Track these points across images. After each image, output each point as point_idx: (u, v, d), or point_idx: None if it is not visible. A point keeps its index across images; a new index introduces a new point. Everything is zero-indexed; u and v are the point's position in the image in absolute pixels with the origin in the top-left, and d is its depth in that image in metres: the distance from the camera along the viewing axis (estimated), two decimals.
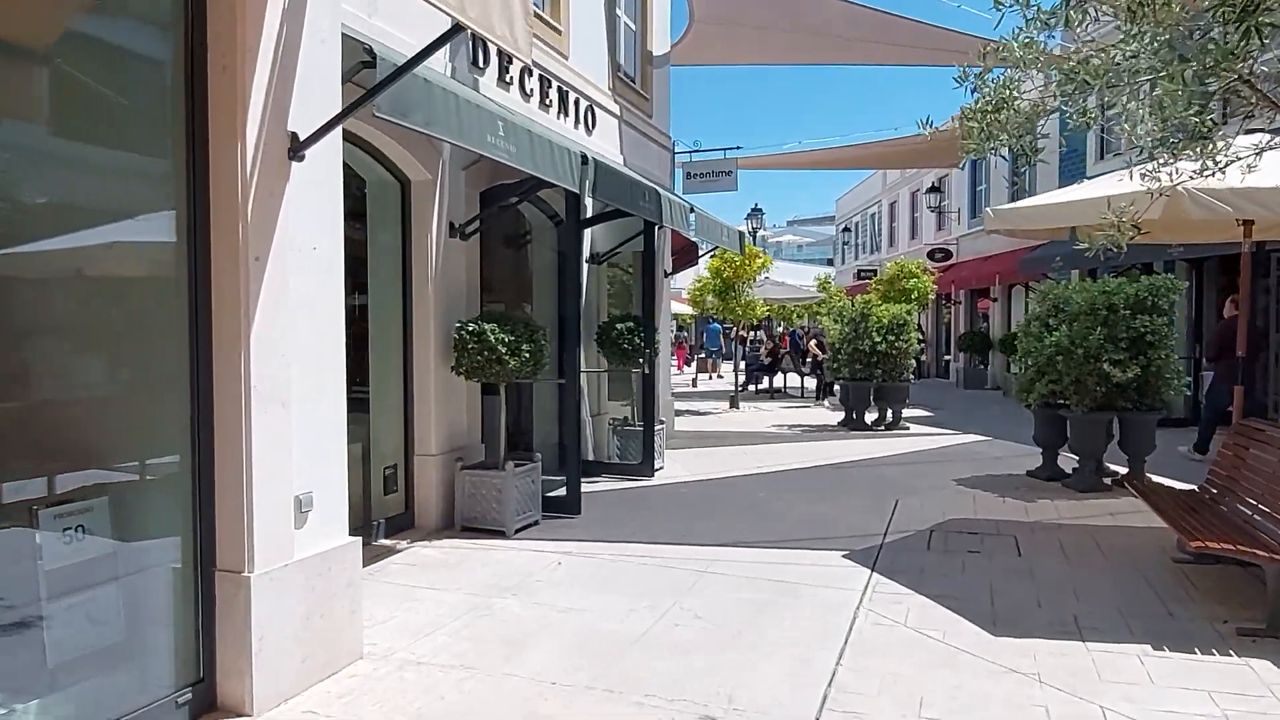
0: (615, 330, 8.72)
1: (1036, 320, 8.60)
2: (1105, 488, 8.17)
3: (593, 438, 9.12)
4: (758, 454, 10.46)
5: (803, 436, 12.32)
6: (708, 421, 14.30)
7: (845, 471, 9.28)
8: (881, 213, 31.74)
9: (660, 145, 11.34)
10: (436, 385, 6.35)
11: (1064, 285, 8.69)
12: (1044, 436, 8.73)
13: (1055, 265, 14.84)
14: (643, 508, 7.36)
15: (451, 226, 6.53)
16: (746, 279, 15.75)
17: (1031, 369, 8.51)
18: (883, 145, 18.04)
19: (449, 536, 6.23)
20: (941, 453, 10.64)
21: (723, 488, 8.33)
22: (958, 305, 24.09)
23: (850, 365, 13.06)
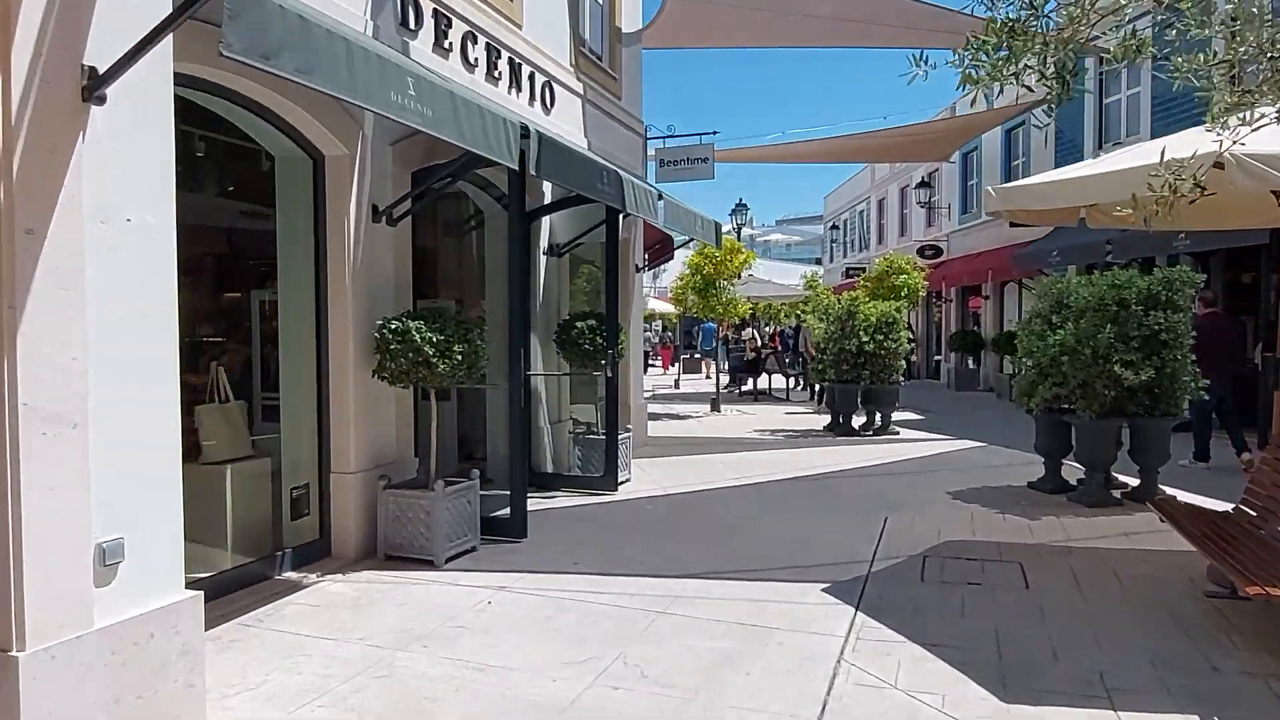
0: (575, 329, 7.90)
1: (1038, 317, 7.82)
2: (1115, 502, 7.39)
3: (551, 448, 8.29)
4: (735, 463, 9.66)
5: (785, 443, 11.52)
6: (686, 426, 13.48)
7: (829, 483, 8.48)
8: (870, 210, 31.02)
9: (631, 130, 10.52)
10: (357, 392, 5.51)
11: (1068, 279, 7.92)
12: (1047, 445, 7.95)
13: (1052, 260, 14.13)
14: (600, 528, 6.53)
15: (375, 210, 5.69)
16: (727, 276, 14.95)
17: (1033, 371, 7.73)
18: (870, 137, 17.28)
19: (369, 568, 5.38)
20: (934, 461, 9.85)
21: (693, 503, 7.51)
22: (949, 303, 23.37)
23: (836, 366, 12.28)
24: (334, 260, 5.45)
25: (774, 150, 17.68)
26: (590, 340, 7.84)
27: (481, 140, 4.85)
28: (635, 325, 10.66)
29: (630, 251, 10.45)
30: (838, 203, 36.03)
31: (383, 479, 5.54)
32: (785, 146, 17.58)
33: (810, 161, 20.58)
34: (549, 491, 7.78)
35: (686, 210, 8.82)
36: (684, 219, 8.69)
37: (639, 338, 10.87)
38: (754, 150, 17.70)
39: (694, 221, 8.96)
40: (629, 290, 10.42)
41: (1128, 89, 14.30)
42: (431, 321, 5.35)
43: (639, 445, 10.57)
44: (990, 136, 20.08)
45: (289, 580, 5.09)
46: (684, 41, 12.93)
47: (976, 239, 21.09)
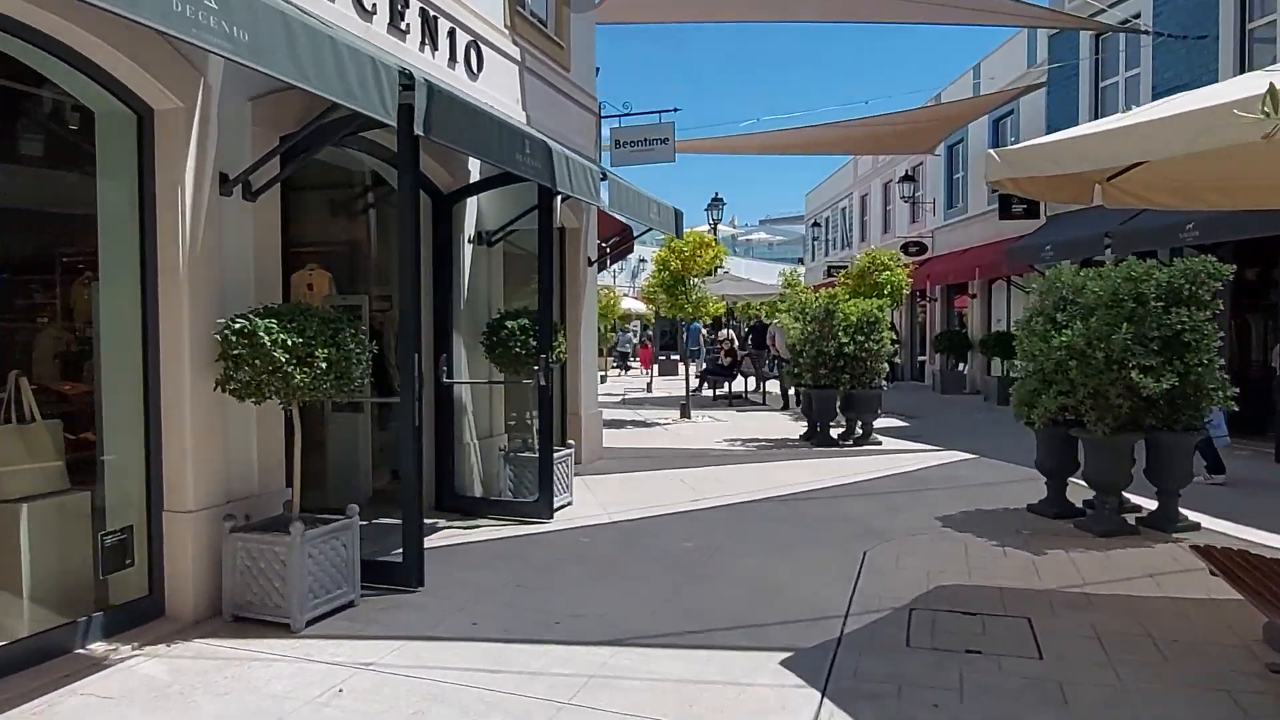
0: (505, 329, 6.78)
1: (1041, 315, 6.76)
2: (1130, 529, 6.35)
3: (480, 468, 7.15)
4: (698, 480, 8.55)
5: (756, 455, 10.43)
6: (651, 435, 12.38)
7: (802, 507, 7.39)
8: (852, 206, 30.05)
9: (582, 107, 9.40)
10: (197, 409, 4.36)
11: (1074, 270, 6.87)
12: (1051, 462, 6.90)
13: (1045, 255, 13.13)
14: (520, 570, 5.40)
15: (224, 179, 4.54)
16: (697, 272, 13.85)
17: (1034, 377, 6.67)
18: (851, 126, 16.24)
19: (207, 634, 4.23)
20: (920, 477, 8.78)
21: (640, 534, 6.40)
22: (933, 302, 22.39)
23: (813, 370, 11.20)
24: (165, 242, 4.29)
25: (749, 140, 16.62)
26: (522, 343, 6.72)
27: (338, 84, 3.73)
28: (588, 326, 9.55)
29: (582, 242, 9.33)
30: (819, 200, 35.06)
31: (229, 519, 4.38)
32: (761, 137, 16.52)
33: (788, 153, 19.54)
34: (473, 520, 6.65)
35: (638, 194, 7.71)
36: (635, 204, 7.58)
37: (592, 339, 9.76)
38: (727, 140, 16.64)
39: (647, 207, 7.85)
40: (580, 286, 9.31)
41: (1126, 70, 13.32)
42: (288, 320, 4.21)
43: (592, 459, 9.47)
44: (977, 127, 19.11)
45: (92, 655, 3.93)
46: (649, 15, 11.85)
47: (963, 235, 20.13)
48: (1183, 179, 5.24)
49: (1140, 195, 5.34)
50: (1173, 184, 5.26)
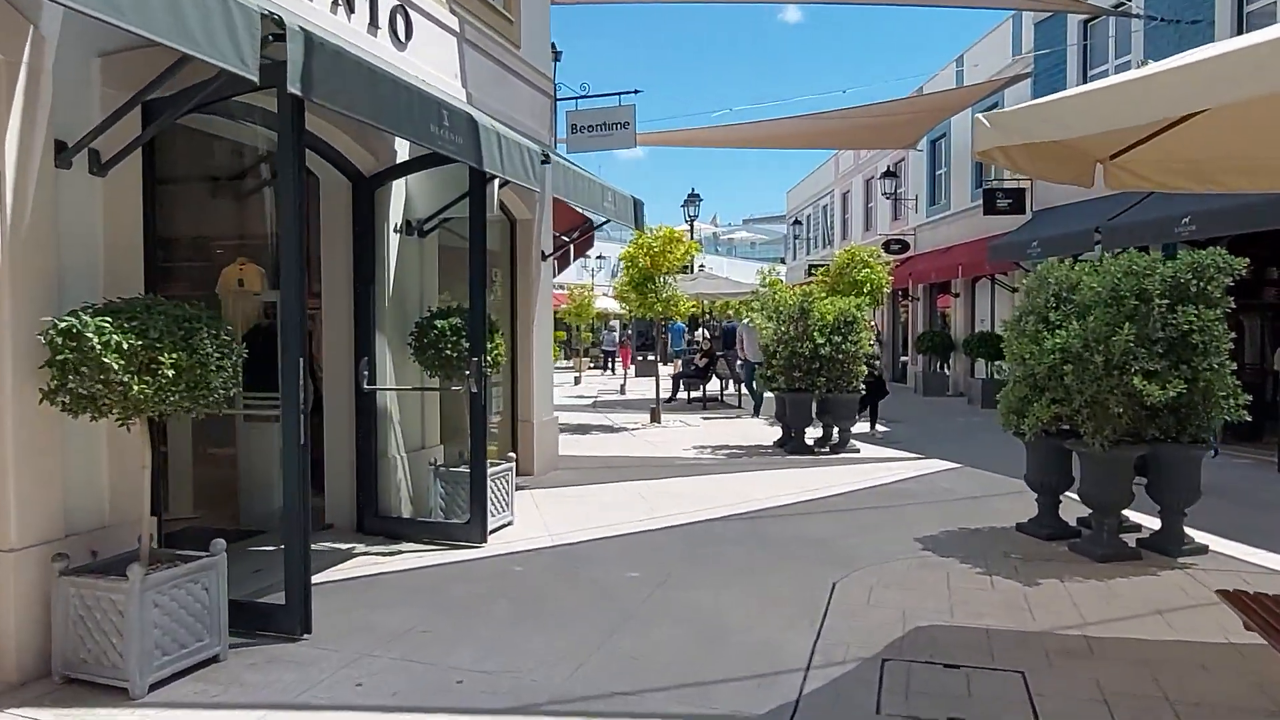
0: (435, 329, 6.03)
1: (1031, 314, 6.09)
2: (1131, 553, 5.68)
3: (408, 485, 6.40)
4: (657, 494, 7.83)
5: (725, 464, 9.72)
6: (616, 442, 11.64)
7: (767, 526, 6.68)
8: (834, 204, 29.44)
9: (535, 88, 8.65)
10: (19, 423, 3.59)
11: (1067, 264, 6.20)
12: (1042, 478, 6.23)
13: (1031, 252, 12.51)
14: (432, 610, 4.65)
15: (61, 148, 3.77)
16: (668, 269, 13.13)
17: (1024, 383, 6.00)
18: (829, 118, 15.58)
19: (28, 700, 3.46)
20: (899, 491, 8.10)
21: (582, 561, 5.66)
22: (915, 302, 21.79)
23: (787, 373, 10.51)
24: None
25: (721, 133, 15.93)
26: (453, 344, 5.97)
27: (168, 24, 2.98)
28: (542, 325, 8.81)
29: (535, 234, 8.58)
30: (801, 197, 34.46)
31: (60, 558, 3.61)
32: (734, 129, 15.84)
33: (764, 147, 18.87)
34: (397, 544, 5.89)
35: (590, 180, 6.98)
36: (585, 191, 6.85)
37: (547, 340, 9.01)
38: (699, 133, 15.95)
39: (600, 195, 7.12)
40: (532, 281, 8.57)
41: (1116, 57, 12.71)
42: (128, 318, 3.44)
43: (546, 471, 8.73)
44: (960, 121, 18.49)
45: None
46: None
47: (946, 233, 19.53)
48: (1195, 158, 4.56)
49: (1147, 176, 4.66)
50: (1184, 164, 4.58)
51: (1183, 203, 9.97)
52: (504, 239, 8.52)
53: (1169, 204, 10.30)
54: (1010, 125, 3.53)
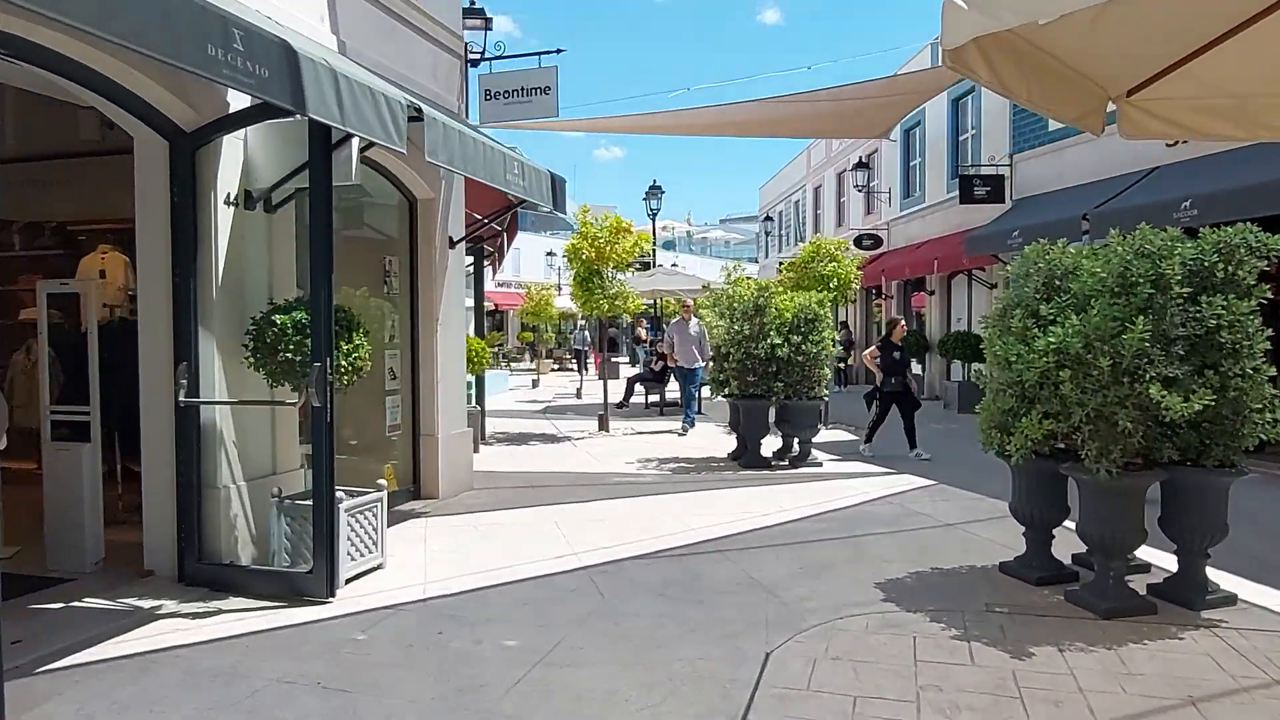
0: (275, 327, 4.77)
1: (1019, 307, 4.94)
2: (1143, 605, 4.54)
3: (247, 521, 5.13)
4: (580, 523, 6.62)
5: (668, 481, 8.52)
6: (553, 455, 10.42)
7: (702, 565, 5.48)
8: (805, 199, 28.39)
9: (439, 45, 7.40)
10: None
11: (1061, 245, 5.07)
12: (1033, 509, 5.07)
13: (1012, 243, 11.43)
14: (211, 713, 3.40)
15: None
16: (615, 262, 11.92)
17: (1010, 392, 4.84)
18: (795, 102, 14.39)
19: None
20: (864, 516, 6.93)
21: (448, 625, 4.42)
22: (889, 300, 20.74)
23: (741, 377, 9.34)
24: None
25: (674, 119, 14.70)
26: (296, 345, 4.72)
27: None
28: (450, 324, 7.56)
29: (439, 216, 7.34)
30: (772, 193, 33.40)
31: None
32: (691, 115, 14.60)
33: (725, 134, 17.61)
34: (222, 599, 4.64)
35: (486, 146, 5.75)
36: (480, 160, 5.62)
37: (457, 341, 7.75)
38: (653, 119, 14.70)
39: (500, 165, 5.89)
40: (435, 272, 7.32)
41: None
42: None
43: (455, 493, 7.51)
44: (935, 109, 17.46)
45: None
46: None
47: (921, 227, 18.48)
48: (1240, 92, 3.43)
49: (1174, 120, 3.53)
50: (1224, 100, 3.46)
51: (1182, 183, 8.92)
52: (402, 222, 7.27)
53: (1165, 186, 9.26)
54: (992, 4, 2.33)
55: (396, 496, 7.03)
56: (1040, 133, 12.25)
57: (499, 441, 11.41)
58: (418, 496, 7.30)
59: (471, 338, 10.48)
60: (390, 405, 7.08)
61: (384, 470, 7.02)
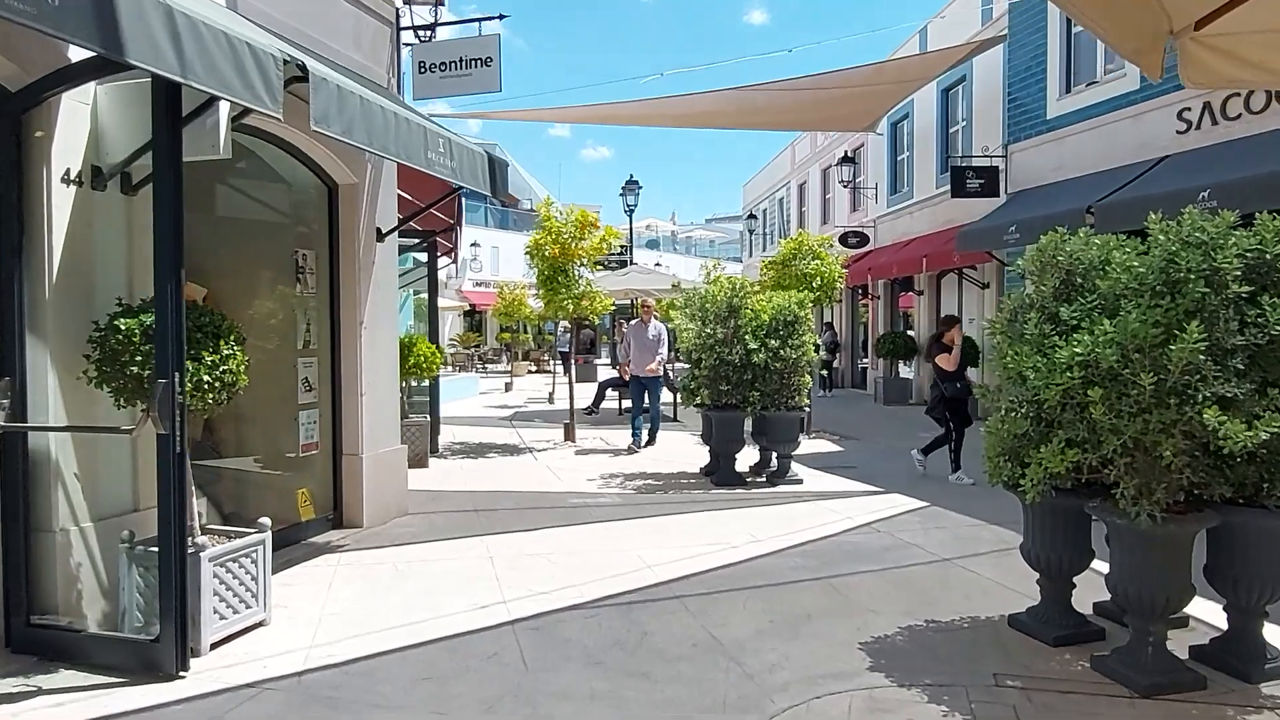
0: (120, 334, 3.84)
1: (1034, 310, 4.07)
2: (1188, 677, 3.67)
3: (94, 574, 4.19)
4: (516, 560, 5.71)
5: (630, 503, 7.63)
6: (511, 469, 9.50)
7: (651, 621, 4.58)
8: (790, 196, 27.57)
9: (364, 8, 6.47)
10: None
11: (1085, 233, 4.21)
12: (1050, 554, 4.21)
13: (1009, 239, 10.62)
14: None
15: None
16: (581, 259, 11.00)
17: (1024, 414, 3.98)
18: (775, 90, 13.54)
19: None
20: (847, 549, 6.05)
21: (321, 711, 3.51)
22: (876, 300, 19.93)
23: (713, 385, 8.46)
24: None
25: (642, 109, 13.83)
26: (145, 357, 3.79)
27: None
28: (379, 327, 6.64)
29: (363, 205, 6.42)
30: (756, 191, 32.56)
31: None
32: (658, 104, 13.74)
33: (702, 126, 16.77)
34: (50, 673, 3.71)
35: (405, 119, 4.83)
36: (394, 133, 4.70)
37: (388, 349, 6.82)
38: (616, 109, 13.84)
39: (420, 141, 4.98)
40: (358, 269, 6.40)
41: None
42: None
43: (385, 520, 6.60)
44: (923, 99, 16.65)
45: None
46: None
47: (909, 224, 17.67)
48: None
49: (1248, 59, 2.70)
50: None
51: (1197, 172, 8.11)
52: (320, 211, 6.35)
53: (1178, 175, 8.44)
54: None
55: (311, 527, 6.12)
56: (1037, 121, 11.44)
57: (454, 454, 10.49)
58: (339, 525, 6.38)
59: (423, 341, 9.57)
60: (305, 421, 6.15)
61: (296, 497, 6.10)
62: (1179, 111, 8.98)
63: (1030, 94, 11.65)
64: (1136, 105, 9.65)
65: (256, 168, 5.92)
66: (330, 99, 4.15)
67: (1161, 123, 9.22)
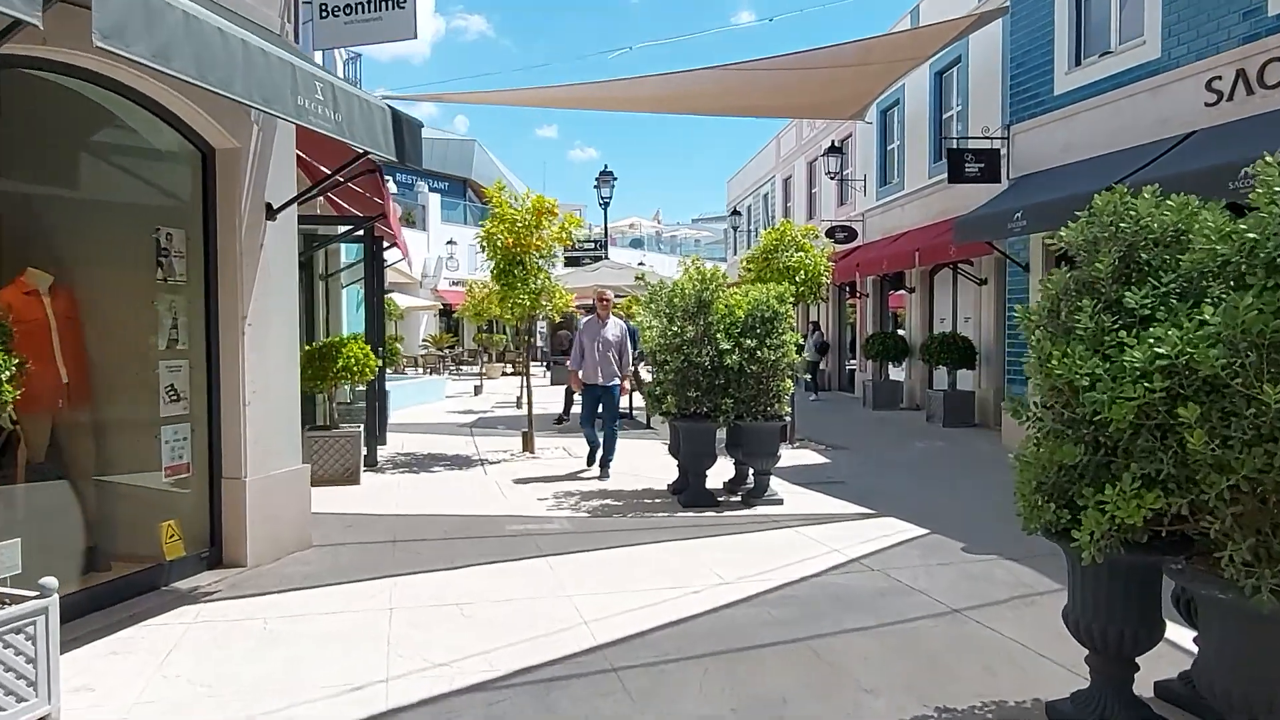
0: None
1: (1087, 296, 2.99)
2: None
3: None
4: (423, 612, 4.60)
5: (580, 531, 6.51)
6: (454, 485, 8.37)
7: (566, 709, 3.46)
8: (775, 191, 26.54)
9: None
10: None
11: (1151, 191, 3.14)
12: (1108, 627, 3.10)
13: (1014, 226, 9.57)
14: None
15: None
16: (539, 251, 9.88)
17: (1077, 440, 2.89)
18: (756, 68, 12.48)
19: None
20: (832, 594, 4.95)
21: None
22: (864, 298, 18.90)
23: (680, 391, 7.37)
24: None
25: (611, 91, 12.77)
26: None
27: None
28: (272, 324, 5.50)
29: (247, 174, 5.28)
30: (741, 187, 31.51)
31: None
32: (630, 85, 12.68)
33: (671, 111, 15.70)
34: None
35: (260, 49, 3.71)
36: (240, 66, 3.58)
37: (284, 351, 5.66)
38: (579, 91, 12.76)
39: (287, 82, 3.86)
40: (238, 253, 5.25)
41: None
42: None
43: (279, 556, 5.48)
44: (915, 84, 15.65)
45: None
46: None
47: (899, 217, 16.64)
48: None
49: None
50: None
51: (1232, 148, 7.07)
52: (191, 182, 5.21)
53: (1210, 152, 7.41)
54: None
55: (177, 568, 4.97)
56: (1044, 98, 10.40)
57: (395, 468, 9.35)
58: (216, 564, 5.24)
59: (354, 342, 8.42)
60: (170, 437, 5.01)
61: (160, 531, 4.95)
62: (1208, 81, 7.96)
63: (1035, 69, 10.62)
64: (1157, 76, 8.62)
65: (104, 127, 4.79)
66: (130, 8, 3.02)
67: (1187, 94, 8.20)
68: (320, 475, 8.21)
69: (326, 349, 8.24)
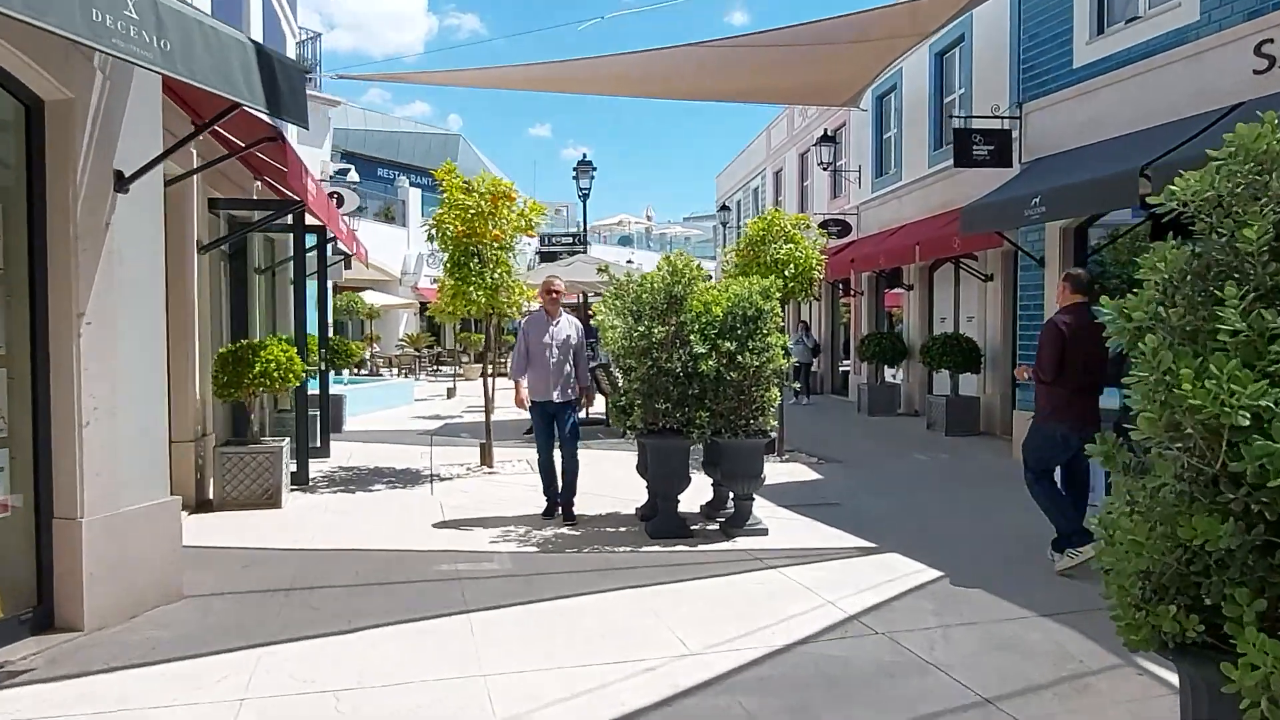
0: None
1: (1229, 279, 1.89)
2: None
3: None
4: (274, 708, 3.49)
5: (521, 574, 5.41)
6: (393, 508, 7.25)
7: None
8: (765, 185, 25.48)
9: None
10: None
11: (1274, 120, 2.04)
12: None
13: (1032, 212, 8.49)
14: None
15: None
16: (496, 241, 8.77)
17: (1214, 506, 1.79)
18: (741, 46, 11.39)
19: None
20: (824, 672, 3.86)
21: None
22: (859, 296, 17.85)
23: (648, 403, 6.27)
24: None
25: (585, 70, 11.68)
26: None
27: None
28: (112, 322, 4.38)
29: (83, 133, 4.16)
30: (730, 181, 30.43)
31: None
32: (607, 63, 11.58)
33: (648, 94, 14.58)
34: None
35: None
36: None
37: (145, 358, 4.56)
38: (554, 70, 11.67)
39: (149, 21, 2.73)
40: (74, 236, 4.12)
41: None
42: None
43: (134, 613, 4.39)
44: (913, 67, 14.60)
45: None
46: None
47: (896, 210, 15.59)
48: None
49: None
50: None
51: None
52: (16, 143, 4.08)
53: None
54: None
55: None
56: (1061, 72, 9.33)
57: (330, 486, 8.23)
58: (46, 627, 4.12)
59: (276, 343, 7.31)
60: None
61: None
62: (1258, 45, 6.90)
63: (1051, 40, 9.54)
64: (1195, 42, 7.56)
65: None
66: None
67: (1231, 61, 7.15)
68: (233, 498, 7.11)
69: (241, 352, 7.12)
